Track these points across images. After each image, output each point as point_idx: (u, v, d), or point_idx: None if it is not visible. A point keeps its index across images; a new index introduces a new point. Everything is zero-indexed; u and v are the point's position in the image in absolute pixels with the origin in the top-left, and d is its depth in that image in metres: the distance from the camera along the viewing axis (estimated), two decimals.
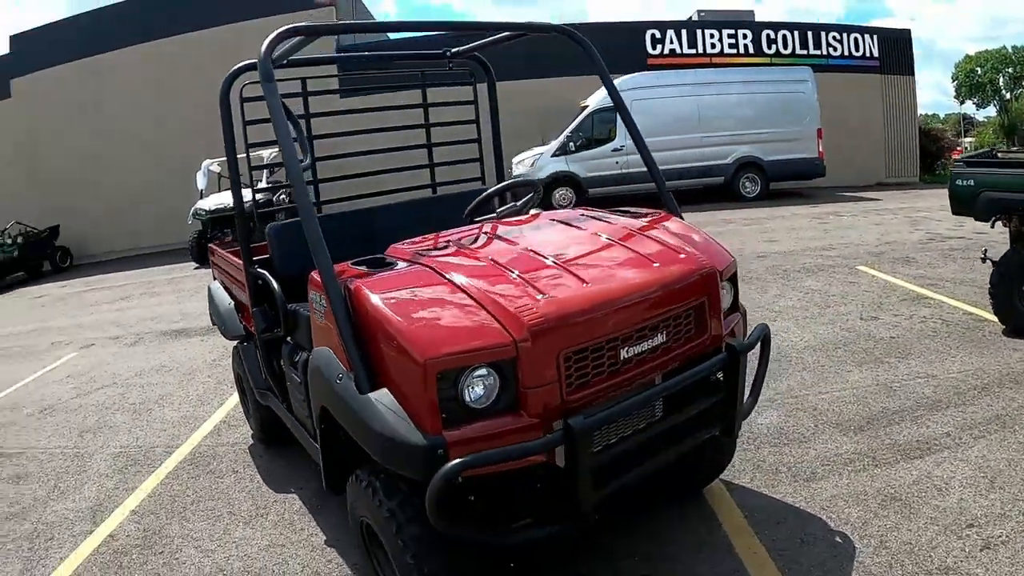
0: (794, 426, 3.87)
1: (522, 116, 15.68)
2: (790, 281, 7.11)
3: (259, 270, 3.50)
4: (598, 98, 14.62)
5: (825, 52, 17.73)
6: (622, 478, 2.29)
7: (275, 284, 3.32)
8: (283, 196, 12.51)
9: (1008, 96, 44.98)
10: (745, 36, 17.60)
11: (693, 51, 17.58)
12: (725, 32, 17.59)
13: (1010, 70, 45.35)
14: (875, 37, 18.13)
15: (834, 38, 17.83)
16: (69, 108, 17.77)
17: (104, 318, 9.73)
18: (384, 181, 4.16)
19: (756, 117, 14.35)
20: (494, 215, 3.31)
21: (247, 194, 3.80)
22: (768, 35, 17.65)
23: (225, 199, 12.62)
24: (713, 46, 17.53)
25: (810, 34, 17.75)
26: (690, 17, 19.44)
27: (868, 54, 18.03)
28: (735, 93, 14.52)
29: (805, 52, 17.58)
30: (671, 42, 17.57)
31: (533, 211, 3.32)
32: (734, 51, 17.50)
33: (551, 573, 2.88)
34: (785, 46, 17.62)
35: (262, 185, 10.96)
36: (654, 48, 17.56)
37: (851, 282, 6.83)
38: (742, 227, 10.97)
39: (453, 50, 3.89)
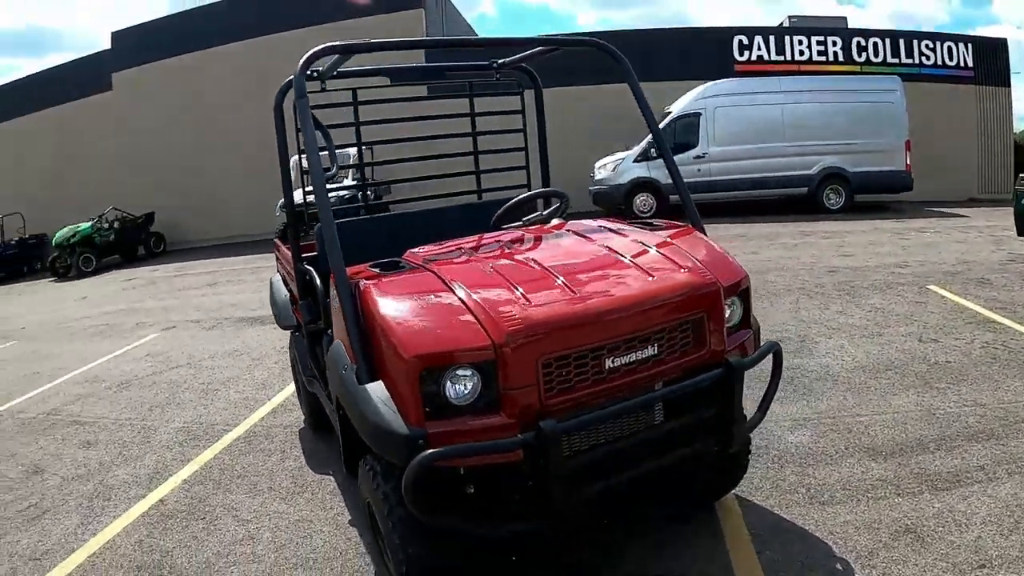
0: (824, 447, 3.78)
1: (607, 120, 15.76)
2: (855, 298, 6.86)
3: (306, 266, 3.74)
4: (681, 104, 14.50)
5: (917, 61, 16.82)
6: (603, 481, 2.35)
7: (318, 280, 3.54)
8: (369, 193, 13.01)
9: None
10: (835, 43, 16.90)
11: (781, 58, 17.05)
12: (814, 39, 16.96)
13: None
14: (969, 46, 17.03)
15: (927, 46, 16.88)
16: (166, 101, 18.85)
17: (189, 302, 10.41)
18: (434, 186, 4.34)
19: (842, 127, 13.80)
20: (520, 223, 3.42)
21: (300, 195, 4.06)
22: (858, 42, 16.88)
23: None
24: (802, 53, 16.94)
25: (902, 42, 16.88)
26: (781, 23, 18.86)
27: (962, 63, 16.97)
28: (821, 102, 14.01)
29: (896, 60, 16.72)
30: (759, 48, 17.12)
31: (556, 220, 3.39)
32: (823, 59, 16.83)
33: (547, 570, 2.96)
34: (876, 54, 16.81)
35: (348, 183, 11.51)
36: (741, 55, 17.14)
37: (918, 302, 6.52)
38: (820, 240, 10.62)
39: (499, 61, 4.02)
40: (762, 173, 13.92)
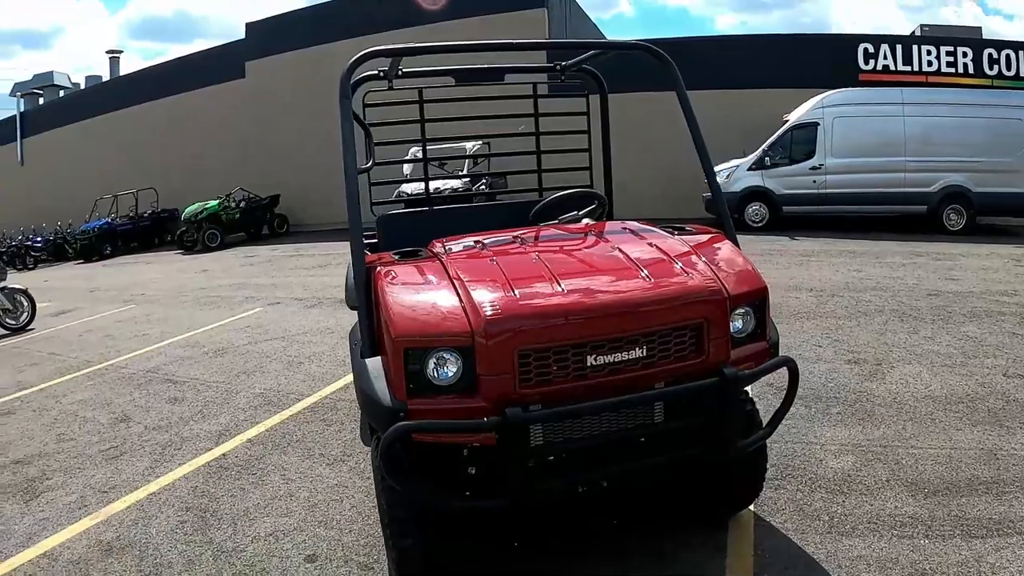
0: (864, 476, 3.53)
1: (728, 126, 15.34)
2: (949, 324, 6.32)
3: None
4: (799, 113, 13.86)
5: None
6: (583, 473, 2.39)
7: None
8: (482, 186, 13.33)
9: None
10: (965, 54, 15.43)
11: (908, 68, 15.77)
12: (944, 49, 15.56)
13: None
14: None
15: None
16: (294, 90, 19.72)
17: (297, 281, 11.09)
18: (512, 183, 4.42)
19: (966, 143, 12.64)
20: (556, 220, 3.44)
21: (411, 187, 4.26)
22: (990, 54, 15.33)
23: (408, 188, 13.30)
24: (930, 64, 15.61)
25: None
26: (913, 32, 17.51)
27: None
28: (945, 116, 12.89)
29: None
30: (884, 57, 15.92)
31: (586, 221, 3.39)
32: (952, 70, 15.41)
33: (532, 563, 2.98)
34: (1008, 67, 15.19)
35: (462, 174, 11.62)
36: (866, 63, 16.00)
37: (1015, 333, 5.91)
38: (930, 261, 9.85)
39: (562, 64, 4.04)
40: (880, 188, 13.02)
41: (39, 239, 22.01)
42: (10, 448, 4.74)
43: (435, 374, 2.28)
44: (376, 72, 3.81)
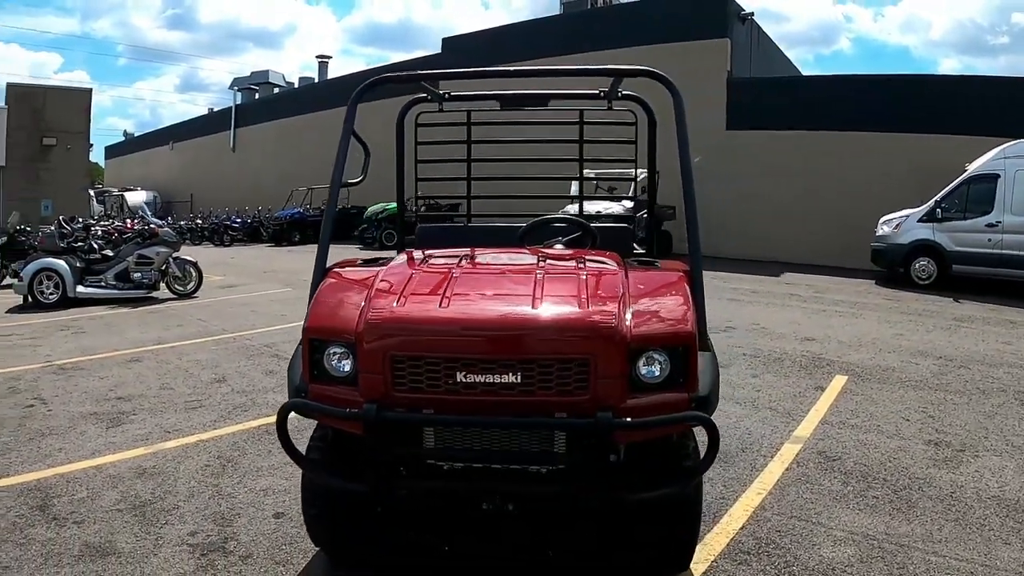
0: (850, 574, 3.00)
1: (907, 173, 14.16)
2: None
3: None
4: (980, 162, 12.12)
5: None
6: (463, 481, 2.49)
7: None
8: (644, 213, 13.07)
9: None
10: None
11: None
12: None
13: None
14: None
15: None
16: (482, 104, 20.76)
17: None
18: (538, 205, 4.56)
19: None
20: (542, 244, 3.48)
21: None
22: None
23: (572, 208, 13.14)
24: None
25: None
26: None
27: None
28: None
29: None
30: None
31: (560, 247, 3.41)
32: None
33: None
34: None
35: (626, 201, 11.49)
36: None
37: None
38: None
39: (605, 91, 3.97)
40: None
41: (238, 220, 24.20)
42: (121, 387, 5.65)
43: (333, 365, 2.46)
44: (426, 96, 4.08)
